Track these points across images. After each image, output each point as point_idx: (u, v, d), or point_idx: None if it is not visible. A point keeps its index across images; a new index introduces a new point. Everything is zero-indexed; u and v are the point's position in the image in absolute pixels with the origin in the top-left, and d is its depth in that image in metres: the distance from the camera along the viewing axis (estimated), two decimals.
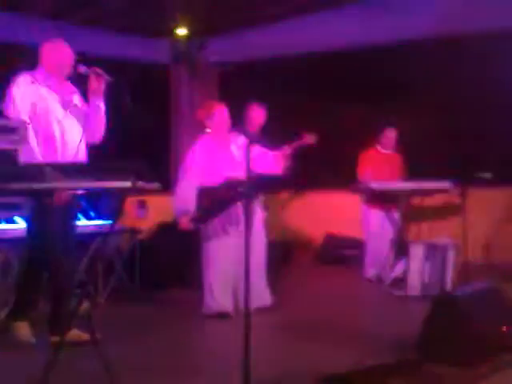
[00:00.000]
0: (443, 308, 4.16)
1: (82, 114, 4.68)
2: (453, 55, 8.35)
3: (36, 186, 3.50)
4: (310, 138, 6.64)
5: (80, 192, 4.65)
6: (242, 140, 5.65)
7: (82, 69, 4.60)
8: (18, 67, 4.72)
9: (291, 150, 6.23)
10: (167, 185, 9.36)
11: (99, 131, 4.75)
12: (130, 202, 7.01)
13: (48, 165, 3.77)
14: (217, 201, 5.41)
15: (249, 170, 3.57)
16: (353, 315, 5.71)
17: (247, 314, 3.42)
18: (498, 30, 7.52)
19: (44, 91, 4.54)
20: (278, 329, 5.30)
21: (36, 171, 3.54)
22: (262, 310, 5.46)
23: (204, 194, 5.46)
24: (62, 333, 3.78)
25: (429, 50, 8.31)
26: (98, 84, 4.59)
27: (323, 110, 9.63)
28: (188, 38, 8.79)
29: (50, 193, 4.15)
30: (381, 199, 7.30)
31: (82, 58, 4.72)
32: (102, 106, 4.68)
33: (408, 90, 8.99)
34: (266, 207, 6.10)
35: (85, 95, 4.78)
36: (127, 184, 3.49)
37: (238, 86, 9.13)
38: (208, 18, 8.43)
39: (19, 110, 4.40)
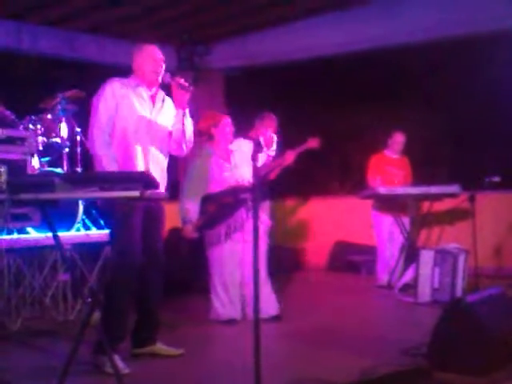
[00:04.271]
0: (454, 314, 4.13)
1: (168, 126, 4.46)
2: (460, 58, 8.34)
3: (44, 196, 3.51)
4: (314, 142, 6.73)
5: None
6: (247, 146, 5.64)
7: (166, 78, 4.39)
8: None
9: (296, 154, 6.33)
10: (174, 191, 9.41)
11: (180, 144, 4.48)
12: None
13: (57, 175, 3.78)
14: (221, 207, 5.45)
15: (256, 177, 3.58)
16: (363, 322, 5.69)
17: (257, 321, 3.41)
18: (502, 30, 7.52)
19: (134, 99, 4.32)
20: (288, 336, 5.28)
21: (45, 182, 3.54)
22: (268, 319, 5.46)
23: (209, 200, 5.51)
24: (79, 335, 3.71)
25: (435, 52, 8.30)
26: (181, 95, 4.36)
27: (330, 115, 9.62)
28: (193, 43, 8.81)
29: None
30: (391, 205, 7.28)
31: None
32: (185, 118, 4.43)
33: (415, 94, 8.98)
34: (273, 215, 6.11)
35: None
36: (135, 193, 3.49)
37: (243, 92, 9.14)
38: (213, 23, 8.46)
39: (103, 123, 4.24)
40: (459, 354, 3.97)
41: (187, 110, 4.46)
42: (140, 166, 4.28)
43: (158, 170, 4.39)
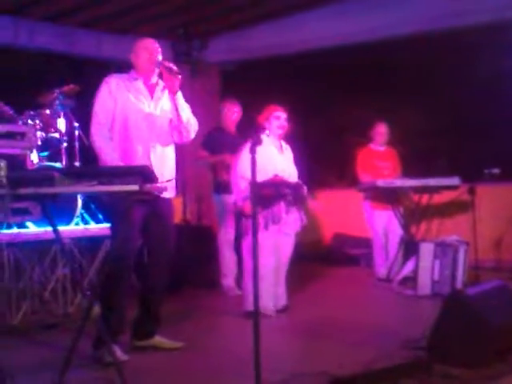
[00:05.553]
0: (454, 307, 4.12)
1: (169, 115, 4.45)
2: (459, 48, 8.31)
3: (44, 190, 3.51)
4: None
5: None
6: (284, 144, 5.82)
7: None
8: None
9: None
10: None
11: (179, 130, 4.44)
12: None
13: (56, 169, 3.78)
14: (260, 198, 5.43)
15: (253, 172, 3.57)
16: (363, 315, 5.69)
17: (256, 315, 3.42)
18: (492, 22, 7.50)
19: (130, 94, 4.35)
20: (287, 329, 5.29)
21: (44, 176, 3.54)
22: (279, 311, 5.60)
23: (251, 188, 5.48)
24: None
25: (435, 43, 8.28)
26: (170, 80, 4.32)
27: (328, 108, 9.59)
28: (189, 38, 8.79)
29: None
30: (386, 197, 7.26)
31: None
32: (178, 103, 4.38)
33: (414, 86, 8.95)
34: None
35: None
36: (135, 187, 3.48)
37: (239, 86, 9.12)
38: (208, 17, 8.45)
39: (101, 118, 4.31)
40: (459, 346, 3.97)
41: (180, 94, 4.41)
42: (141, 159, 4.28)
43: (162, 160, 4.40)
